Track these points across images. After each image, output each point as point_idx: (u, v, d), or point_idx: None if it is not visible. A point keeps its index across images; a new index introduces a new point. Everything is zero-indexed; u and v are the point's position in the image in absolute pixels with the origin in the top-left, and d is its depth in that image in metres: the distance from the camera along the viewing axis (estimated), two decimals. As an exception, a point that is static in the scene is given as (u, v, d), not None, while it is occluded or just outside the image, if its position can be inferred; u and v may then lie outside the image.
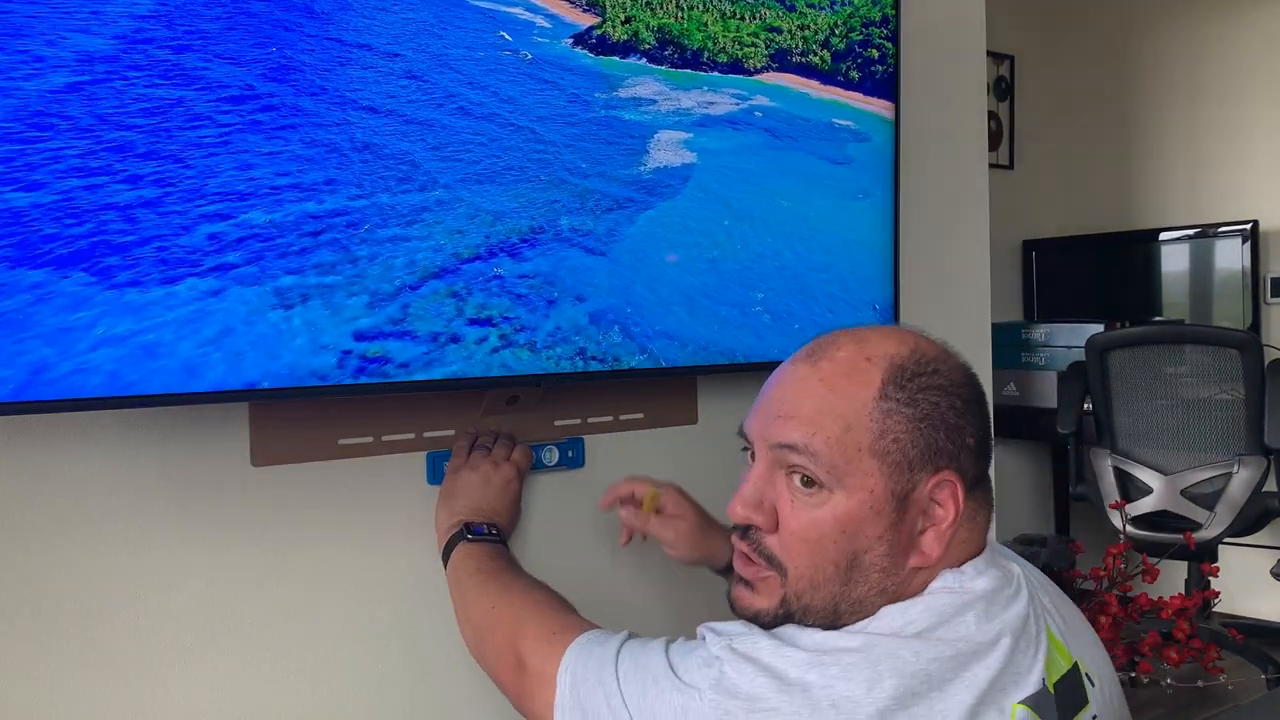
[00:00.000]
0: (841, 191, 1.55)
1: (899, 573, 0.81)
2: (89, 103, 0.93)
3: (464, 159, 1.15)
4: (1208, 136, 3.54)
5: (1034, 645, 0.80)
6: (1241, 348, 2.65)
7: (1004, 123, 3.81)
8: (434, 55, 1.13)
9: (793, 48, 1.44)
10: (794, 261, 1.46)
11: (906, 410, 0.80)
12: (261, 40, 1.02)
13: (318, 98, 1.04)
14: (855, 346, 0.83)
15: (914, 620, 0.78)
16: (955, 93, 1.85)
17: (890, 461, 0.79)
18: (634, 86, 1.30)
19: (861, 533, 0.80)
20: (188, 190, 0.98)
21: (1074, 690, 0.82)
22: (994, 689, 0.76)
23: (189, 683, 1.09)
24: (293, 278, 1.03)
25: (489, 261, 1.16)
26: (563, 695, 0.87)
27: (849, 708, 0.73)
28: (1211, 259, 3.43)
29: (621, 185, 1.28)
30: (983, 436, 0.84)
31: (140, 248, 0.95)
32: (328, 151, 1.05)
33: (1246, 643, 2.52)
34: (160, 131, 0.96)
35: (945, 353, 0.85)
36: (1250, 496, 2.63)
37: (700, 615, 0.88)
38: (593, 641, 0.89)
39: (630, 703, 0.81)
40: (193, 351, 0.98)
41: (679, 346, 1.32)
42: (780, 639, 0.78)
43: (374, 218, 1.08)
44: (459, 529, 1.13)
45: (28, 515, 1.01)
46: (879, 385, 0.81)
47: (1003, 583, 0.82)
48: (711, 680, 0.76)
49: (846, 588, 0.81)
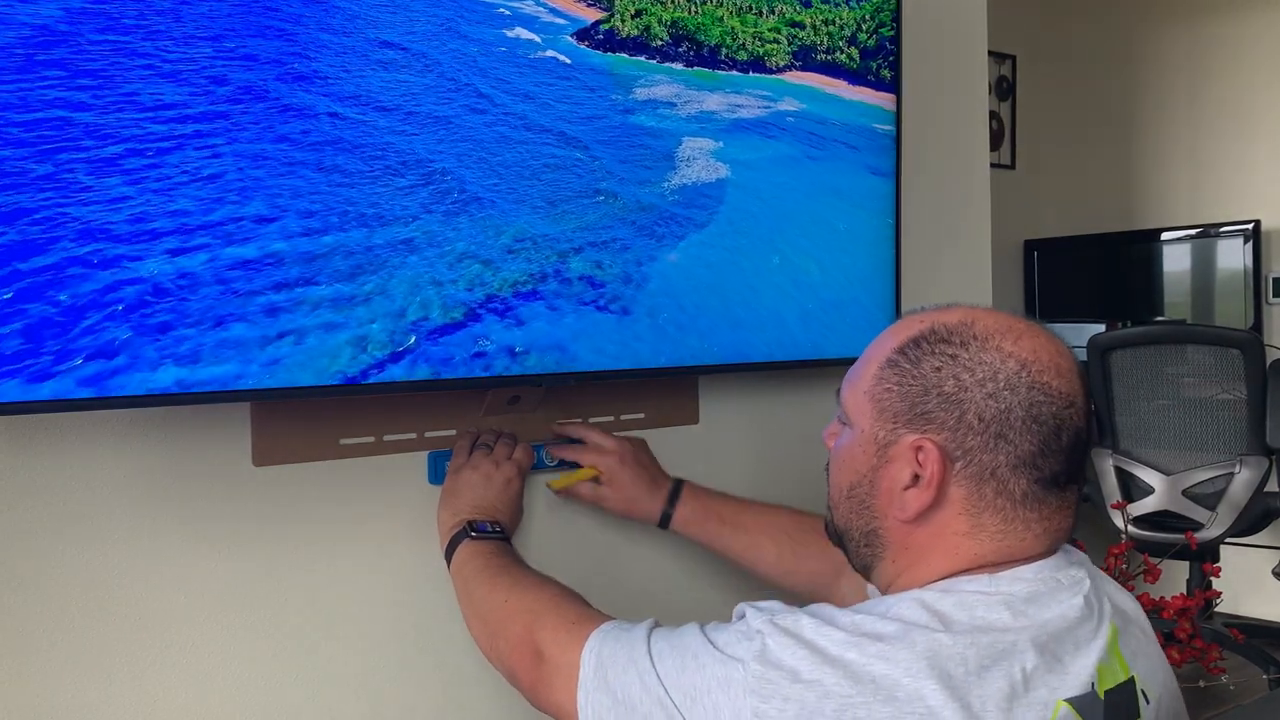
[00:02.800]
0: (884, 209, 1.48)
1: (891, 522, 0.86)
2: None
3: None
4: (1210, 136, 3.54)
5: (1085, 646, 0.81)
6: (1243, 348, 2.65)
7: (1005, 122, 3.81)
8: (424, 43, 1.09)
9: (817, 44, 1.34)
10: (849, 302, 1.40)
11: (908, 367, 0.85)
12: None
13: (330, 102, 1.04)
14: (930, 311, 0.89)
15: (945, 612, 0.79)
16: (957, 92, 1.85)
17: (880, 407, 0.86)
18: (650, 88, 1.19)
19: (853, 465, 0.88)
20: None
21: (1127, 703, 0.82)
22: (1034, 682, 0.76)
23: (190, 682, 1.09)
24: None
25: (481, 323, 1.12)
26: (586, 679, 0.87)
27: (888, 684, 0.74)
28: (1213, 259, 3.43)
29: (644, 214, 1.19)
30: (1030, 444, 0.81)
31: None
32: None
33: (1248, 643, 2.52)
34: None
35: (1009, 342, 0.83)
36: (1252, 496, 2.63)
37: (707, 616, 0.88)
38: (618, 627, 0.90)
39: (667, 679, 0.81)
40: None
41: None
42: (820, 618, 0.79)
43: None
44: (462, 527, 1.13)
45: (28, 515, 1.01)
46: (902, 341, 0.86)
47: (1049, 586, 0.82)
48: (755, 652, 0.77)
49: (854, 516, 0.89)
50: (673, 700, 0.80)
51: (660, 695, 0.81)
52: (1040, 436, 0.81)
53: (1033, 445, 0.81)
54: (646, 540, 1.40)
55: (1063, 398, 0.82)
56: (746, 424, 1.52)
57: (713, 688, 0.78)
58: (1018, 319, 0.86)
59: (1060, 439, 0.82)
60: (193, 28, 0.96)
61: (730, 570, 1.43)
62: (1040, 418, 0.81)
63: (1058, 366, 0.83)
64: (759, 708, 0.75)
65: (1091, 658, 0.80)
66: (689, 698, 0.79)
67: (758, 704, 0.75)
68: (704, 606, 1.41)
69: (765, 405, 1.54)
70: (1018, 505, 0.82)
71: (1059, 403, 0.82)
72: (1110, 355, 2.81)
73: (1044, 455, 0.82)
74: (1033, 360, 0.82)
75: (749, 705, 0.75)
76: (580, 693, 0.87)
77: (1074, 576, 0.84)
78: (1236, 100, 3.47)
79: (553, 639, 0.94)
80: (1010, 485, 0.82)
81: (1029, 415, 0.81)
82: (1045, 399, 0.82)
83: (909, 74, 1.61)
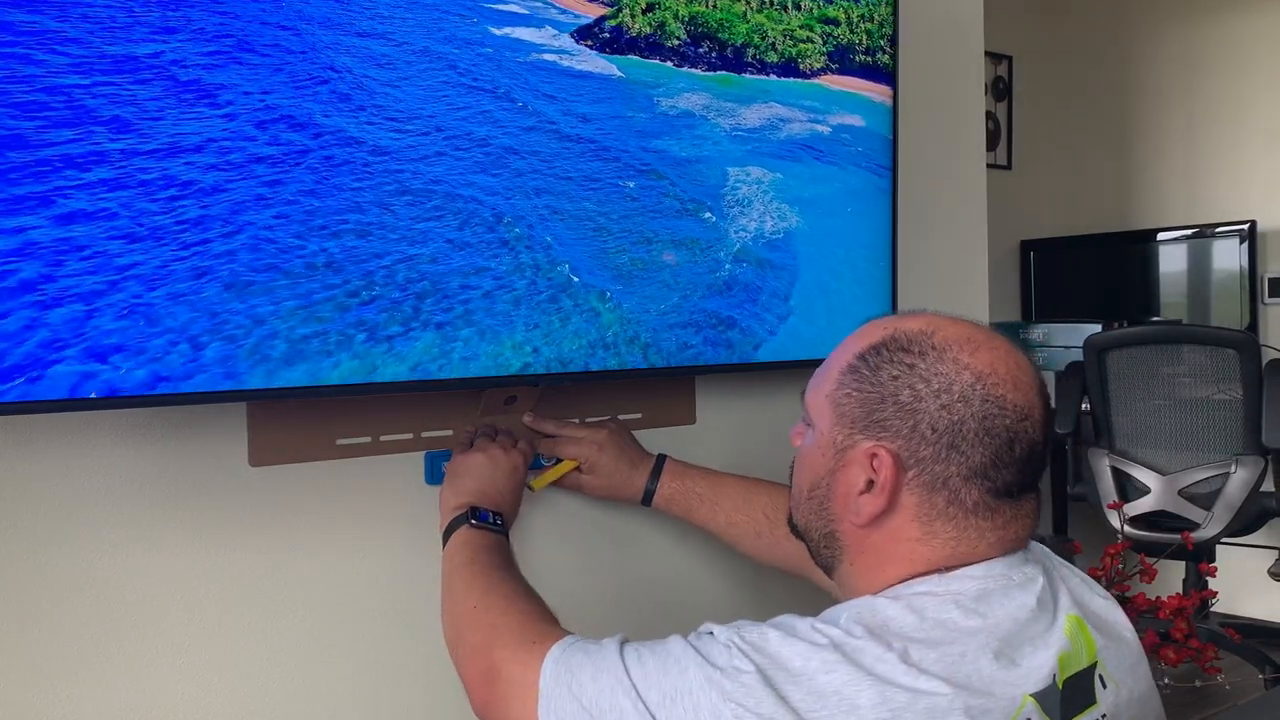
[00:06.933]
0: (883, 208, 1.38)
1: (846, 526, 0.87)
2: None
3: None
4: (1206, 137, 3.54)
5: (1040, 641, 0.81)
6: (1239, 348, 2.66)
7: (1002, 123, 3.81)
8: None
9: (855, 44, 1.17)
10: (848, 303, 1.32)
11: (867, 374, 0.86)
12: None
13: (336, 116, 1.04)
14: (893, 317, 0.90)
15: (894, 618, 0.79)
16: (953, 92, 1.85)
17: (839, 412, 0.87)
18: (674, 98, 1.01)
19: (813, 467, 0.90)
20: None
21: (1084, 689, 0.83)
22: (996, 680, 0.77)
23: (186, 682, 1.09)
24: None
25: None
26: (546, 690, 0.86)
27: (851, 693, 0.74)
28: (1209, 259, 3.44)
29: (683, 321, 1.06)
30: (981, 455, 0.82)
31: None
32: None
33: (1244, 642, 2.52)
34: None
35: (965, 354, 0.84)
36: (1248, 496, 2.64)
37: (706, 616, 0.88)
38: (580, 641, 0.89)
39: (642, 683, 0.80)
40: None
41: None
42: (783, 630, 0.80)
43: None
44: (464, 512, 1.13)
45: (25, 515, 1.01)
46: (864, 347, 0.88)
47: (1000, 584, 0.83)
48: (731, 663, 0.78)
49: (813, 517, 0.91)
50: (646, 703, 0.79)
51: (634, 699, 0.80)
52: (992, 448, 0.83)
53: (985, 457, 0.82)
54: (640, 545, 1.41)
55: (1017, 411, 0.83)
56: (743, 424, 1.52)
57: (694, 689, 0.78)
58: (980, 329, 0.87)
59: (1014, 451, 0.83)
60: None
61: (732, 563, 1.43)
62: (993, 430, 0.82)
63: (1015, 380, 0.84)
64: (739, 713, 0.75)
65: (1050, 651, 0.81)
66: (668, 698, 0.79)
67: (738, 709, 0.75)
68: (702, 611, 1.41)
69: (761, 405, 1.54)
70: (970, 514, 0.84)
71: (1013, 415, 0.83)
72: (1106, 355, 2.82)
73: (996, 467, 0.83)
74: (989, 373, 0.83)
75: (729, 710, 0.75)
76: (541, 705, 0.86)
77: (1027, 574, 0.85)
78: (1232, 101, 3.48)
79: (511, 658, 0.92)
80: (962, 495, 0.83)
81: (982, 427, 0.82)
82: (999, 412, 0.83)
83: (905, 74, 1.61)
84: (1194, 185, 3.57)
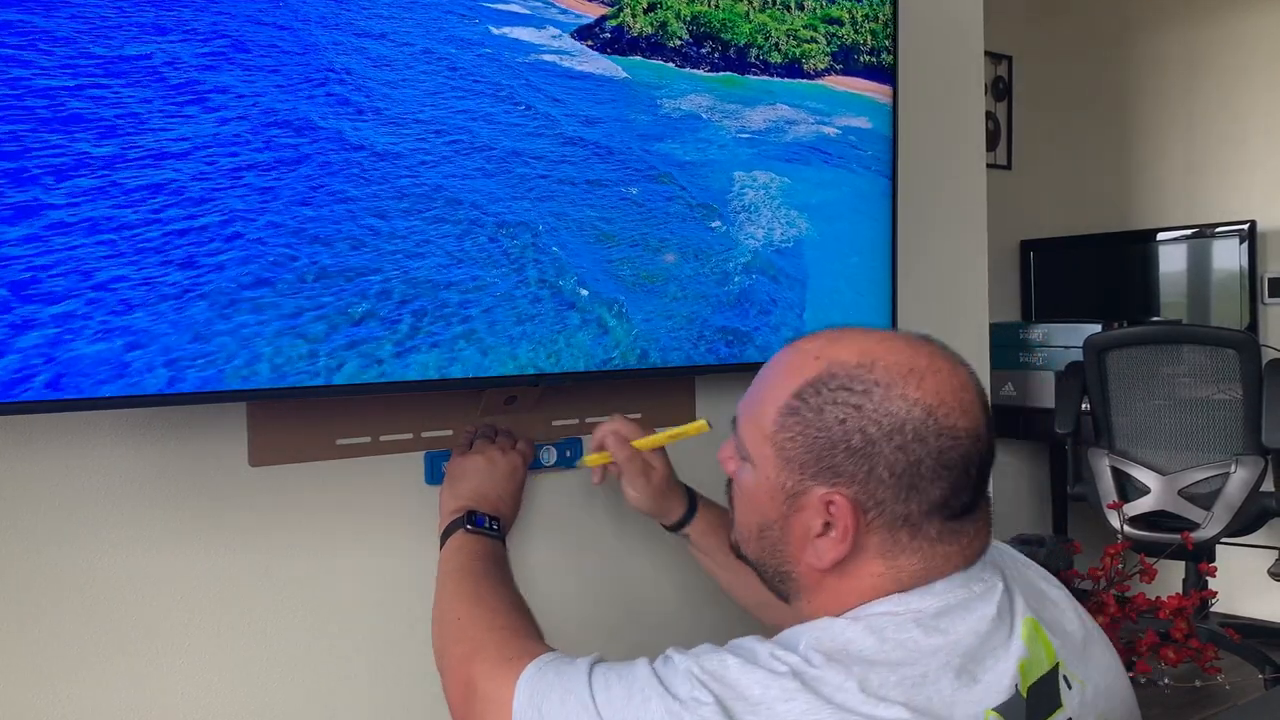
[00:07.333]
0: (883, 209, 1.36)
1: (804, 568, 0.85)
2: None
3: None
4: (1205, 137, 3.54)
5: (1001, 652, 0.81)
6: (1239, 348, 2.66)
7: (1002, 123, 3.81)
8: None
9: (860, 44, 1.16)
10: (848, 303, 1.30)
11: (809, 416, 0.83)
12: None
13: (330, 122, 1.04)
14: (822, 343, 0.87)
15: (854, 640, 0.79)
16: (953, 92, 1.85)
17: (784, 456, 0.84)
18: (677, 100, 1.00)
19: (761, 509, 0.87)
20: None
21: (1048, 694, 0.82)
22: (958, 701, 0.77)
23: (186, 682, 1.09)
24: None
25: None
26: (520, 709, 0.85)
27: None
28: (1209, 259, 3.43)
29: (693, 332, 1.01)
30: (940, 489, 0.81)
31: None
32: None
33: (1244, 642, 2.52)
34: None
35: (912, 388, 0.81)
36: (1248, 496, 2.63)
37: (705, 615, 0.88)
38: (556, 659, 0.89)
39: (606, 709, 0.80)
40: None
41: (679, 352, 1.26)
42: (742, 656, 0.79)
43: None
44: (462, 515, 1.13)
45: (25, 515, 1.01)
46: (800, 384, 0.84)
47: (959, 598, 0.82)
48: (692, 693, 0.77)
49: (766, 556, 0.89)
50: None
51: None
52: (950, 480, 0.82)
53: (944, 490, 0.82)
54: (641, 544, 1.40)
55: (969, 434, 0.82)
56: (743, 424, 1.52)
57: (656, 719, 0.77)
58: (917, 351, 0.84)
59: (969, 474, 0.83)
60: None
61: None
62: (949, 463, 0.81)
63: (961, 403, 0.82)
64: None
65: (1010, 661, 0.80)
66: None
67: None
68: (701, 611, 1.41)
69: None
70: (934, 543, 0.83)
71: (966, 441, 0.82)
72: (1106, 355, 2.81)
73: (955, 493, 0.82)
74: (938, 405, 0.81)
75: None
76: None
77: (987, 582, 0.84)
78: (1232, 101, 3.48)
79: (489, 673, 0.91)
80: (924, 528, 0.82)
81: (939, 463, 0.81)
82: (953, 443, 0.81)
83: (905, 74, 1.61)
84: (1194, 185, 3.57)
